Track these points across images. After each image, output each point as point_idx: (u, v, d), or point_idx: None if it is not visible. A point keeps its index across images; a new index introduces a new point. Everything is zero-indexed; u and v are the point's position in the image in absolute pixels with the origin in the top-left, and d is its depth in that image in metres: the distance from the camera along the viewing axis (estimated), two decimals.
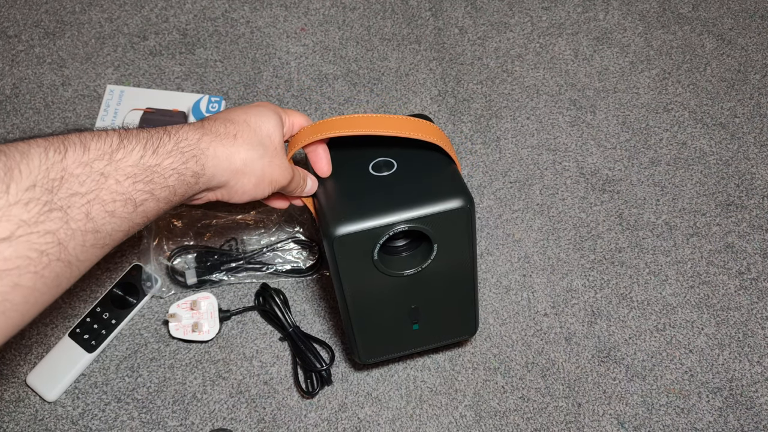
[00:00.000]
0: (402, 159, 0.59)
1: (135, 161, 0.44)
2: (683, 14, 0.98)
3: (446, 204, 0.55)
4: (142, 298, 0.76)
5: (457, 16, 0.97)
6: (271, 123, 0.54)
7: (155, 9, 0.96)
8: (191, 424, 0.72)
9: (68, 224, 0.40)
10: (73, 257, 0.41)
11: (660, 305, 0.78)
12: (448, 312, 0.64)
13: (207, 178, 0.49)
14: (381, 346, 0.65)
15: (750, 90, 0.92)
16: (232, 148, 0.50)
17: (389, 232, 0.55)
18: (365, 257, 0.56)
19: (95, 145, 0.42)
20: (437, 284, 0.61)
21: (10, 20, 0.95)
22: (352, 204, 0.56)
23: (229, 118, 0.52)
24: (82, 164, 0.41)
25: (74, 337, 0.74)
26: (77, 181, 0.40)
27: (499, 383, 0.74)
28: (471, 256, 0.60)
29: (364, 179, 0.58)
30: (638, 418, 0.72)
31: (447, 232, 0.57)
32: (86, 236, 0.41)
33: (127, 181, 0.43)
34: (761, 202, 0.84)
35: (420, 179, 0.58)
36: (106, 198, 0.42)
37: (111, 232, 0.43)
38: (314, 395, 0.72)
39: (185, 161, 0.47)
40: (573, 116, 0.90)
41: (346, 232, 0.55)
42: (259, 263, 0.77)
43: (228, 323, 0.76)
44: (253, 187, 0.53)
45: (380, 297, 0.60)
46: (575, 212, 0.83)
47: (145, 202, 0.45)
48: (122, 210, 0.43)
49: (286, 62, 0.93)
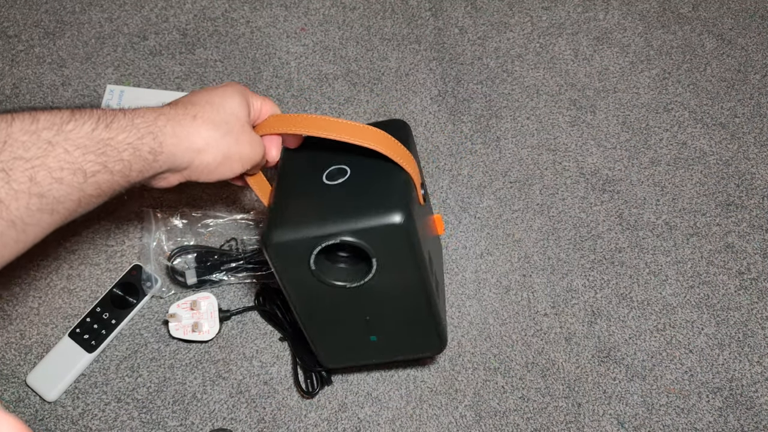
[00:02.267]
0: (357, 168, 0.58)
1: (86, 133, 0.45)
2: (683, 14, 0.98)
3: (381, 219, 0.52)
4: (142, 298, 0.76)
5: (457, 16, 0.97)
6: (234, 101, 0.54)
7: (155, 9, 0.96)
8: (191, 424, 0.72)
9: (10, 185, 0.41)
10: (17, 218, 0.42)
11: (660, 305, 0.78)
12: (405, 327, 0.61)
13: (166, 156, 0.50)
14: (341, 353, 0.64)
15: (750, 90, 0.92)
16: (191, 128, 0.51)
17: (322, 243, 0.53)
18: (303, 266, 0.55)
19: (45, 117, 0.44)
20: (385, 299, 0.58)
21: (10, 20, 0.95)
22: (291, 212, 0.55)
23: (190, 100, 0.53)
24: (29, 132, 0.43)
25: (74, 337, 0.74)
26: (22, 146, 0.42)
27: (499, 383, 0.74)
28: (417, 274, 0.56)
29: (314, 186, 0.57)
30: (638, 418, 0.72)
31: (386, 248, 0.54)
32: (31, 199, 0.42)
33: (77, 151, 0.44)
34: (761, 202, 0.84)
35: (364, 191, 0.55)
36: (53, 165, 0.43)
37: (60, 199, 0.44)
38: (314, 395, 0.72)
39: (141, 137, 0.48)
40: (573, 116, 0.90)
41: (279, 240, 0.53)
42: (259, 263, 0.77)
43: (228, 323, 0.76)
44: (219, 165, 0.53)
45: (327, 306, 0.59)
46: (575, 212, 0.83)
47: (97, 173, 0.45)
48: (71, 178, 0.44)
49: (286, 62, 0.93)
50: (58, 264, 0.79)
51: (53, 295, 0.77)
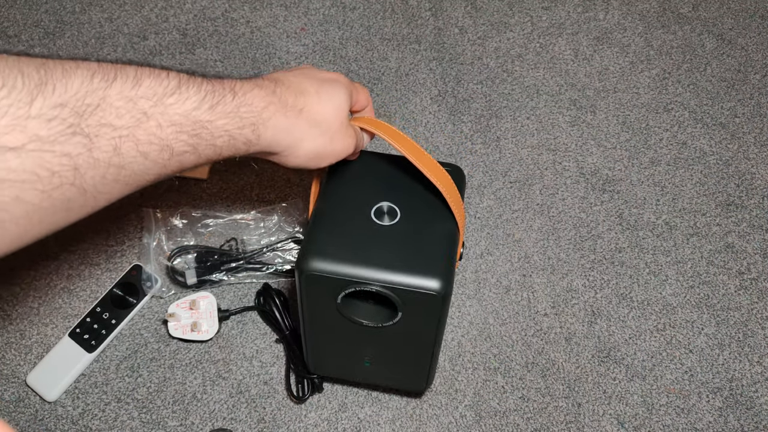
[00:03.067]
0: (407, 212, 0.57)
1: (186, 111, 0.42)
2: (683, 14, 0.98)
3: (422, 282, 0.52)
4: (142, 298, 0.76)
5: (457, 16, 0.97)
6: (341, 99, 0.52)
7: (155, 9, 0.96)
8: (191, 424, 0.72)
9: (91, 152, 0.38)
10: (90, 186, 0.39)
11: (660, 305, 0.78)
12: (401, 366, 0.63)
13: (261, 146, 0.48)
14: (332, 366, 0.66)
15: (750, 90, 0.92)
16: (294, 123, 0.49)
17: (356, 286, 0.53)
18: (329, 298, 0.55)
19: (149, 82, 0.40)
20: (394, 343, 0.60)
21: (10, 20, 0.95)
22: (333, 244, 0.55)
23: (301, 88, 0.51)
24: (126, 98, 0.39)
25: (74, 337, 0.74)
26: (115, 113, 0.38)
27: (499, 383, 0.74)
28: (435, 335, 0.57)
29: (361, 221, 0.56)
30: (638, 418, 0.72)
31: (415, 308, 0.54)
32: (109, 169, 0.39)
33: (170, 128, 0.41)
34: (761, 202, 0.84)
35: (412, 243, 0.55)
36: (142, 138, 0.40)
37: (138, 172, 0.41)
38: (303, 401, 0.72)
39: (242, 127, 0.46)
40: (573, 116, 0.90)
41: (315, 271, 0.53)
42: (259, 263, 0.77)
43: (228, 323, 0.76)
44: (309, 160, 0.52)
45: (337, 332, 0.60)
46: (575, 212, 0.83)
47: (184, 153, 0.43)
48: (157, 155, 0.41)
49: (286, 62, 0.93)
50: (58, 264, 0.79)
51: (53, 295, 0.77)
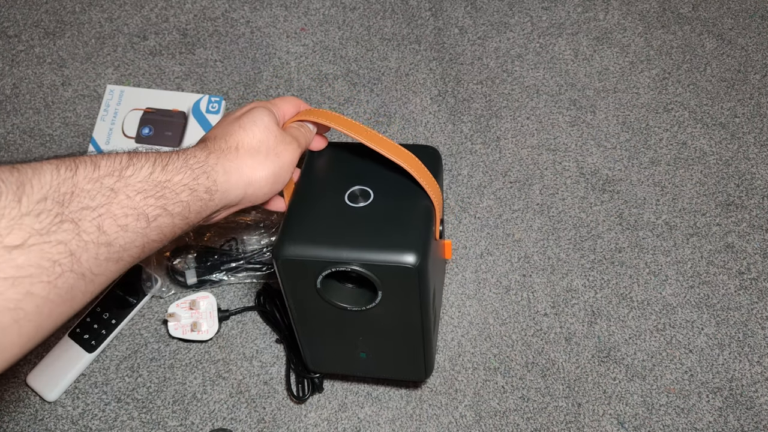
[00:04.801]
0: (381, 194, 0.57)
1: (144, 177, 0.45)
2: (683, 14, 0.98)
3: (396, 257, 0.53)
4: (142, 298, 0.76)
5: (457, 16, 0.97)
6: (262, 119, 0.55)
7: (155, 9, 0.96)
8: (191, 424, 0.72)
9: (80, 236, 0.41)
10: (87, 269, 0.41)
11: (660, 305, 0.78)
12: (396, 353, 0.63)
13: (221, 194, 0.51)
14: (329, 362, 0.66)
15: (750, 90, 0.92)
16: (237, 161, 0.52)
17: (332, 267, 0.54)
18: (309, 283, 0.55)
19: (105, 163, 0.44)
20: (382, 326, 0.59)
21: (10, 20, 0.95)
22: (308, 228, 0.55)
23: (226, 132, 0.54)
24: (92, 180, 0.42)
25: (74, 337, 0.74)
26: (87, 195, 0.42)
27: (499, 383, 0.74)
28: (420, 312, 0.57)
29: (334, 204, 0.57)
30: (638, 418, 0.72)
31: (393, 285, 0.54)
32: (99, 249, 0.42)
33: (137, 196, 0.44)
34: (761, 202, 0.84)
35: (385, 222, 0.55)
36: (118, 212, 0.43)
37: (125, 246, 0.44)
38: (304, 401, 0.72)
39: (196, 177, 0.49)
40: (573, 116, 0.90)
41: (290, 256, 0.54)
42: (259, 263, 0.77)
43: (228, 323, 0.76)
44: (271, 185, 0.54)
45: (325, 320, 0.59)
46: (575, 212, 0.83)
47: (158, 217, 0.46)
48: (135, 224, 0.44)
49: (286, 62, 0.93)
50: None
51: None
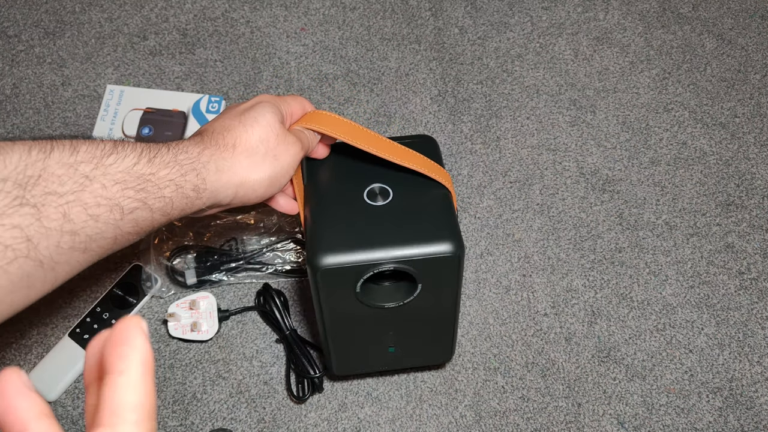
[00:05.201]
0: (398, 188, 0.57)
1: (126, 168, 0.43)
2: (683, 14, 0.98)
3: (436, 248, 0.53)
4: (142, 298, 0.76)
5: (457, 16, 0.97)
6: (266, 116, 0.52)
7: (155, 9, 0.96)
8: (191, 424, 0.72)
9: (40, 222, 0.38)
10: (46, 257, 0.39)
11: (660, 305, 0.78)
12: (425, 341, 0.64)
13: (210, 193, 0.48)
14: (355, 363, 0.66)
15: (750, 90, 0.92)
16: (232, 160, 0.49)
17: (374, 269, 0.53)
18: (348, 289, 0.55)
19: (85, 148, 0.41)
20: (417, 318, 0.60)
21: (10, 20, 0.95)
22: (339, 234, 0.54)
23: (225, 126, 0.51)
24: (66, 165, 0.40)
25: (74, 337, 0.74)
26: (57, 180, 0.39)
27: (499, 383, 0.74)
28: (455, 297, 0.58)
29: (357, 207, 0.56)
30: (638, 418, 0.72)
31: (433, 275, 0.55)
32: (63, 237, 0.40)
33: (115, 186, 0.42)
34: (761, 202, 0.84)
35: (413, 215, 0.55)
36: (89, 201, 0.41)
37: (93, 237, 0.42)
38: (304, 401, 0.72)
39: (184, 173, 0.46)
40: (573, 116, 0.90)
41: (330, 265, 0.53)
42: (259, 263, 0.77)
43: (228, 323, 0.76)
44: (266, 187, 0.52)
45: (359, 323, 0.60)
46: (575, 212, 0.83)
47: (135, 210, 0.43)
48: (107, 215, 0.42)
49: (286, 62, 0.93)
50: None
51: (53, 295, 0.77)
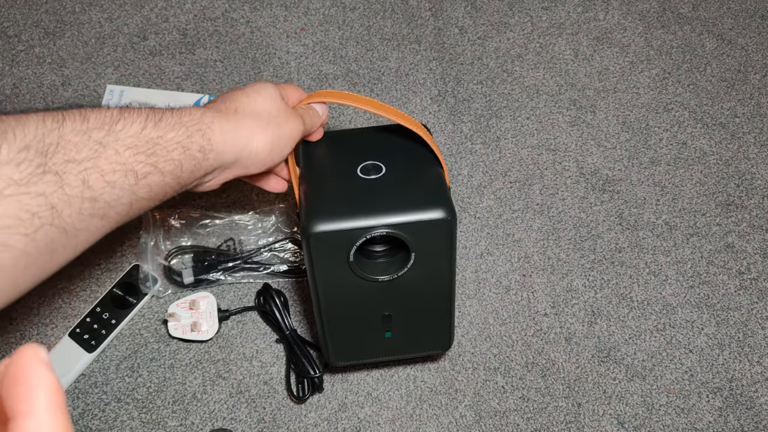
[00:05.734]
0: (391, 164, 0.59)
1: (135, 132, 0.44)
2: (683, 14, 0.98)
3: (428, 213, 0.54)
4: (141, 298, 0.76)
5: (457, 16, 0.97)
6: (268, 90, 0.55)
7: (155, 9, 0.96)
8: (191, 424, 0.72)
9: (63, 189, 0.39)
10: (69, 224, 0.40)
11: (660, 305, 0.78)
12: (422, 323, 0.63)
13: (216, 153, 0.50)
14: (352, 350, 0.65)
15: (750, 90, 0.92)
16: (235, 122, 0.51)
17: (366, 235, 0.54)
18: (341, 258, 0.56)
19: (95, 116, 0.43)
20: (412, 293, 0.60)
21: (10, 20, 0.95)
22: (333, 203, 0.56)
23: (228, 96, 0.54)
24: (80, 132, 0.41)
25: (74, 337, 0.74)
26: (74, 148, 0.40)
27: (499, 383, 0.74)
28: (449, 269, 0.59)
29: (351, 180, 0.58)
30: (638, 418, 0.72)
31: (426, 242, 0.56)
32: (83, 203, 0.41)
33: (127, 152, 0.43)
34: (761, 202, 0.84)
35: (405, 186, 0.57)
36: (105, 167, 0.42)
37: (111, 203, 0.43)
38: (304, 401, 0.72)
39: (190, 135, 0.48)
40: (573, 116, 0.90)
41: (323, 230, 0.54)
42: (257, 263, 0.77)
43: (228, 323, 0.76)
44: (268, 152, 0.53)
45: (353, 300, 0.60)
46: (575, 212, 0.83)
47: (148, 175, 0.45)
48: (123, 181, 0.43)
49: (286, 62, 0.93)
50: None
51: (53, 295, 0.77)
